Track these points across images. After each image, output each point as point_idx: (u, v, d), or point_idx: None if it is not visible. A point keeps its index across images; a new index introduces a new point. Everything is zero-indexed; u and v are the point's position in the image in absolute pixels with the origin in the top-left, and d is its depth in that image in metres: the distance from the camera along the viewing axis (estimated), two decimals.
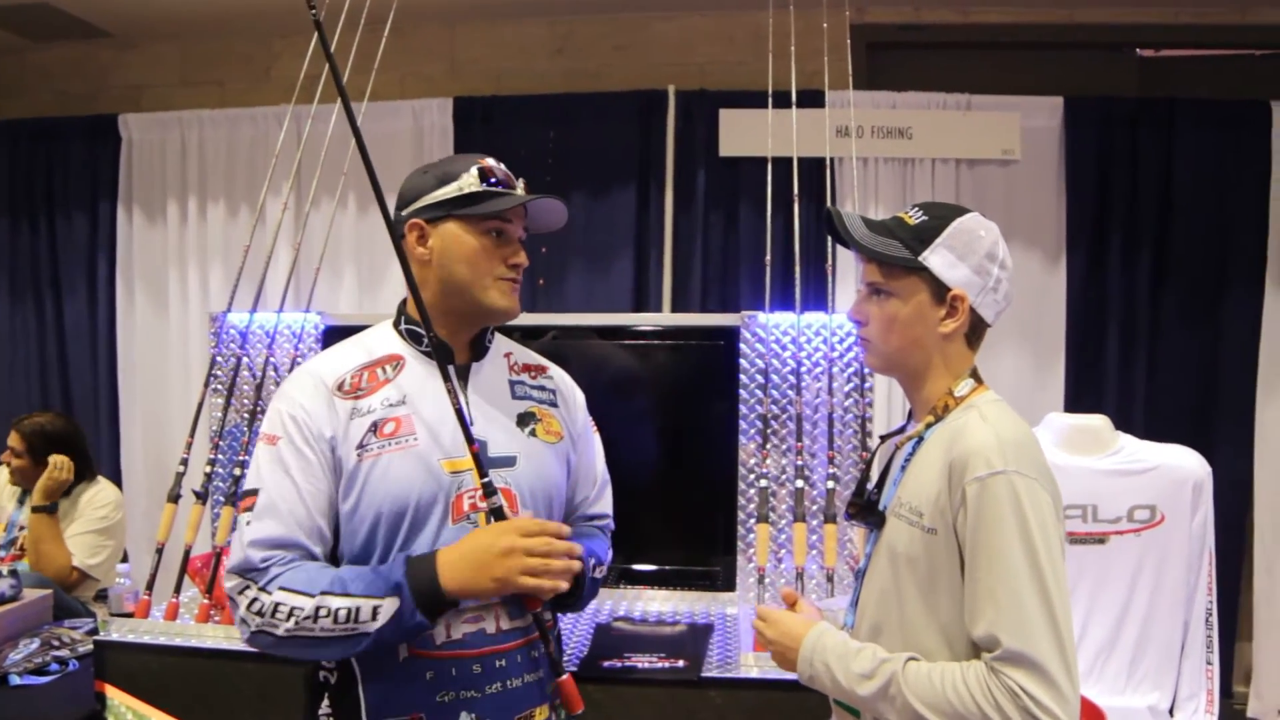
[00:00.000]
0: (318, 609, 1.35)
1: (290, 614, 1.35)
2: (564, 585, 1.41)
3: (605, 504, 1.74)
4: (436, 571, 1.38)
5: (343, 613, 1.34)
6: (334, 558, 1.47)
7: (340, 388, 1.47)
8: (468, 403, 1.51)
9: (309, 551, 1.42)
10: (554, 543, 1.41)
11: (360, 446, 1.44)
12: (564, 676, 1.46)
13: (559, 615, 1.64)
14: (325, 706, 1.47)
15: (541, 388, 1.64)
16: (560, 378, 1.70)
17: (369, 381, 1.49)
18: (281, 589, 1.36)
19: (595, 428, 1.74)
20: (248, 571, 1.38)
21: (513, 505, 1.48)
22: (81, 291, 4.26)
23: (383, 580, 1.37)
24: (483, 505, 1.42)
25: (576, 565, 1.43)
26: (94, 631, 2.57)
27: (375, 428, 1.45)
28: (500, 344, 1.65)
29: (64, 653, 2.44)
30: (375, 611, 1.35)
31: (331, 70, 1.49)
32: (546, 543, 1.40)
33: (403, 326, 1.56)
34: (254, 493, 1.43)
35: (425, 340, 1.50)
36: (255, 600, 1.37)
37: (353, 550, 1.45)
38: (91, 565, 3.05)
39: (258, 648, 1.40)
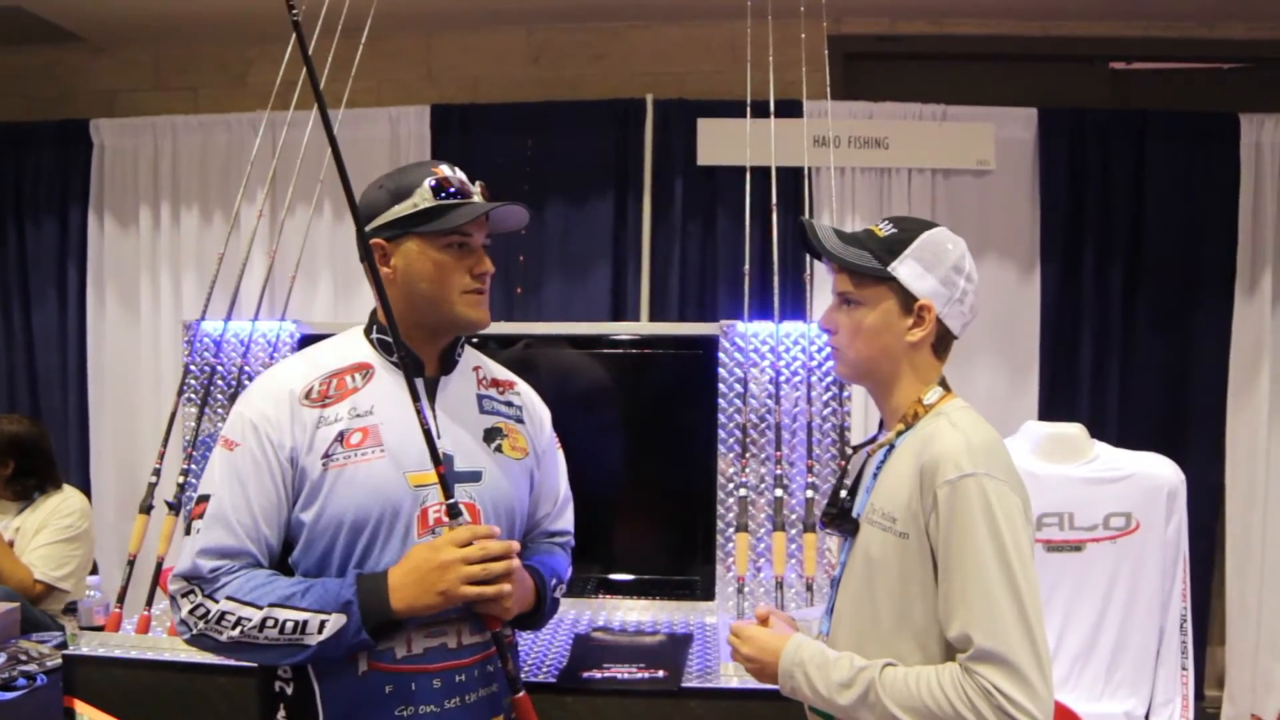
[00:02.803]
0: (265, 620, 1.36)
1: (237, 623, 1.37)
2: (508, 588, 1.41)
3: (566, 521, 1.74)
4: (387, 593, 1.38)
5: (290, 625, 1.36)
6: (284, 565, 1.46)
7: (308, 395, 1.46)
8: (434, 416, 1.50)
9: (255, 560, 1.42)
10: (489, 545, 1.40)
11: (326, 456, 1.43)
12: (520, 694, 1.45)
13: (518, 632, 1.64)
14: (282, 715, 1.46)
15: (509, 403, 1.63)
16: (527, 394, 1.70)
17: (337, 389, 1.48)
18: (229, 598, 1.38)
19: (559, 445, 1.74)
20: (194, 578, 1.39)
21: (476, 520, 1.48)
22: (51, 298, 4.20)
23: (333, 596, 1.37)
24: (448, 522, 1.41)
25: (516, 563, 1.43)
26: (62, 645, 2.52)
27: (341, 437, 1.44)
28: (470, 357, 1.64)
29: (31, 667, 2.39)
30: (322, 626, 1.36)
31: (309, 72, 1.46)
32: (482, 547, 1.39)
33: (374, 335, 1.54)
34: (206, 499, 1.43)
35: (395, 353, 1.48)
36: (200, 606, 1.38)
37: (310, 560, 1.44)
38: (57, 577, 2.99)
39: (198, 648, 1.42)
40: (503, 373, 1.68)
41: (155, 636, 2.42)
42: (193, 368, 2.87)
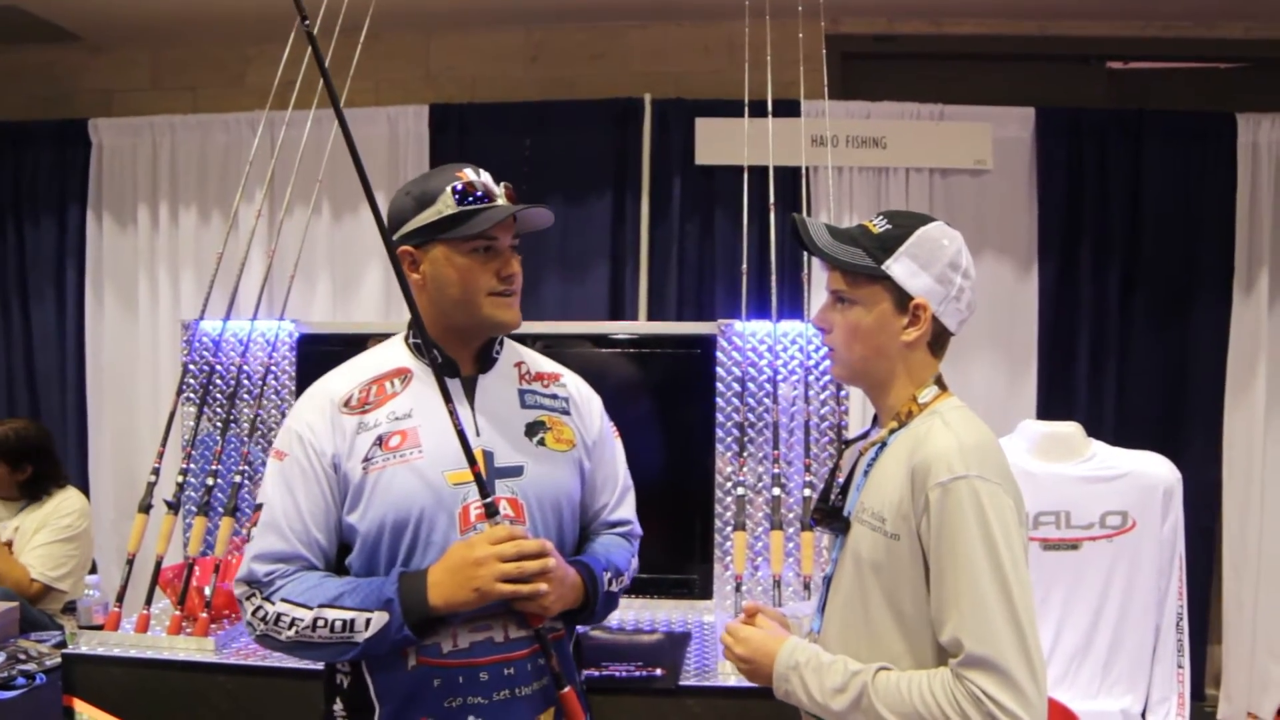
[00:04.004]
0: (316, 620, 1.42)
1: (291, 624, 1.43)
2: (544, 586, 1.42)
3: (627, 509, 1.75)
4: (426, 589, 1.41)
5: (339, 623, 1.41)
6: (341, 566, 1.51)
7: (347, 403, 1.52)
8: (474, 414, 1.53)
9: (309, 563, 1.48)
10: (522, 544, 1.42)
11: (366, 460, 1.48)
12: (566, 689, 1.47)
13: (577, 626, 1.65)
14: (339, 707, 1.52)
15: (554, 396, 1.65)
16: (574, 385, 1.70)
17: (376, 395, 1.53)
18: (283, 600, 1.44)
19: (617, 433, 1.75)
20: (252, 583, 1.46)
21: (519, 515, 1.51)
22: (50, 298, 4.20)
23: (376, 594, 1.42)
24: (487, 519, 1.44)
25: (551, 562, 1.44)
26: (61, 644, 2.53)
27: (381, 441, 1.48)
28: (511, 353, 1.66)
29: (30, 666, 2.40)
30: (367, 623, 1.41)
31: (325, 83, 1.51)
32: (516, 546, 1.41)
33: (411, 340, 1.58)
34: (260, 508, 1.50)
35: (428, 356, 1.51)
36: (260, 608, 1.45)
37: (363, 560, 1.49)
38: (54, 577, 2.99)
39: (265, 647, 1.50)
40: (548, 365, 1.70)
41: (154, 635, 2.43)
42: (191, 367, 2.87)
